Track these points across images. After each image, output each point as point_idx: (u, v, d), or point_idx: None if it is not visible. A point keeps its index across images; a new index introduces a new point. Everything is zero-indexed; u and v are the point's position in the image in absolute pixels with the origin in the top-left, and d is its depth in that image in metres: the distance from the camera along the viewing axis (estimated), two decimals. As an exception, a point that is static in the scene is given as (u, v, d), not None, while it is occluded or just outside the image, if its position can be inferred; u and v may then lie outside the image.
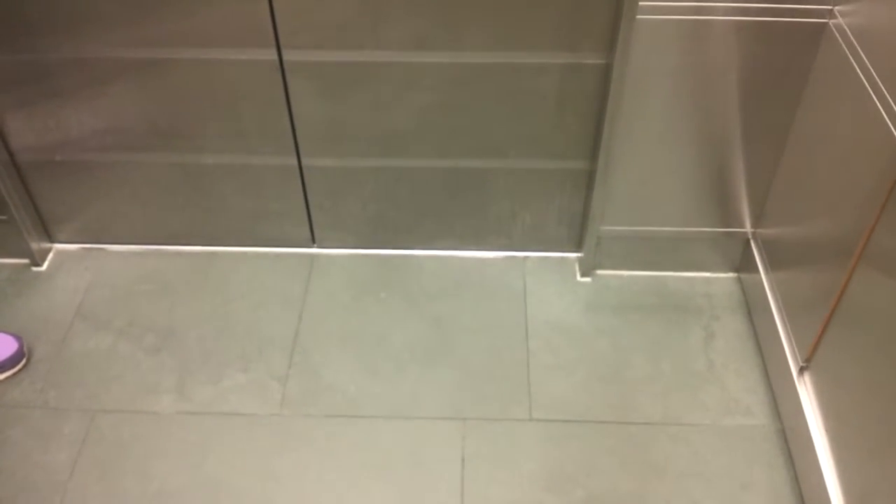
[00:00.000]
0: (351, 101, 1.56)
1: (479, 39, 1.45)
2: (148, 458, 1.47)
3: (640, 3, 1.33)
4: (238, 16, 1.43)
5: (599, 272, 1.80)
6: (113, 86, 1.55)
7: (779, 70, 1.42)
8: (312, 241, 1.84)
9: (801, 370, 1.43)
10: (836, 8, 1.32)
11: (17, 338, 1.62)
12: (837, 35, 1.32)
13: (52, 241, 1.86)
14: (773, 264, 1.61)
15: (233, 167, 1.68)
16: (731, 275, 1.79)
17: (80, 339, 1.67)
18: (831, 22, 1.34)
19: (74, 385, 1.59)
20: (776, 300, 1.57)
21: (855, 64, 1.25)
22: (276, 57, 1.49)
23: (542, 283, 1.77)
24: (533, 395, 1.56)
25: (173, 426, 1.52)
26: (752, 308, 1.70)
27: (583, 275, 1.79)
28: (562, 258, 1.83)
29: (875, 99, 1.19)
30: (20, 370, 1.61)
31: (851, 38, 1.27)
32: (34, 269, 1.82)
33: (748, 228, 1.70)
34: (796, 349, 1.45)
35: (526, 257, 1.83)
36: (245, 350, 1.65)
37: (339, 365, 1.62)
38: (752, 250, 1.69)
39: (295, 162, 1.67)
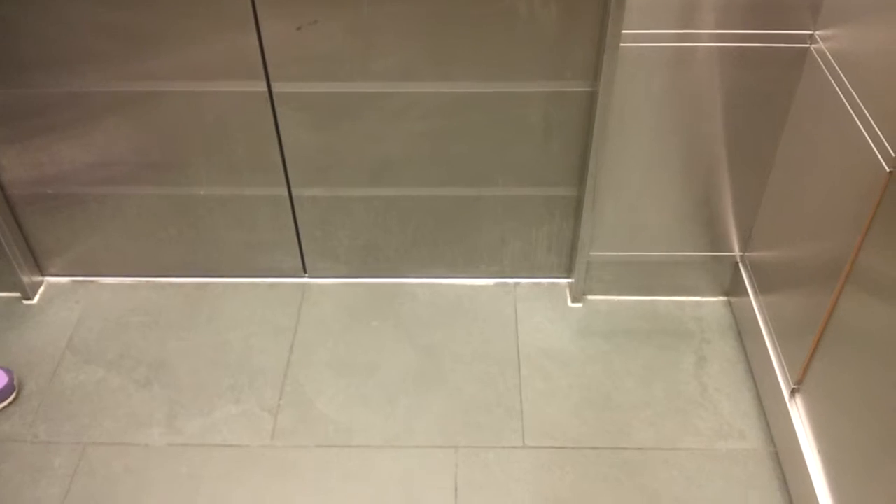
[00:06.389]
0: (340, 132, 1.57)
1: (466, 69, 1.47)
2: (139, 490, 1.46)
3: (624, 32, 1.34)
4: (228, 49, 1.45)
5: (590, 297, 1.80)
6: (105, 119, 1.56)
7: (763, 95, 1.44)
8: (304, 271, 1.85)
9: (793, 392, 1.44)
10: (817, 33, 1.34)
11: (8, 371, 1.61)
12: (819, 59, 1.33)
13: (44, 274, 1.86)
14: (762, 287, 1.61)
15: (224, 198, 1.69)
16: (721, 298, 1.79)
17: (70, 371, 1.66)
18: (812, 46, 1.36)
19: (65, 418, 1.58)
20: (766, 323, 1.57)
21: (837, 87, 1.27)
22: (265, 89, 1.51)
23: (533, 310, 1.78)
24: (526, 422, 1.56)
25: (164, 458, 1.51)
26: (743, 331, 1.70)
27: (573, 300, 1.79)
28: (552, 284, 1.83)
29: (857, 120, 1.20)
30: (10, 403, 1.60)
31: (833, 61, 1.29)
32: (25, 302, 1.81)
33: (737, 252, 1.71)
34: (787, 371, 1.45)
35: (516, 284, 1.84)
36: (236, 381, 1.64)
37: (330, 395, 1.62)
38: (741, 274, 1.70)
39: (285, 192, 1.68)
